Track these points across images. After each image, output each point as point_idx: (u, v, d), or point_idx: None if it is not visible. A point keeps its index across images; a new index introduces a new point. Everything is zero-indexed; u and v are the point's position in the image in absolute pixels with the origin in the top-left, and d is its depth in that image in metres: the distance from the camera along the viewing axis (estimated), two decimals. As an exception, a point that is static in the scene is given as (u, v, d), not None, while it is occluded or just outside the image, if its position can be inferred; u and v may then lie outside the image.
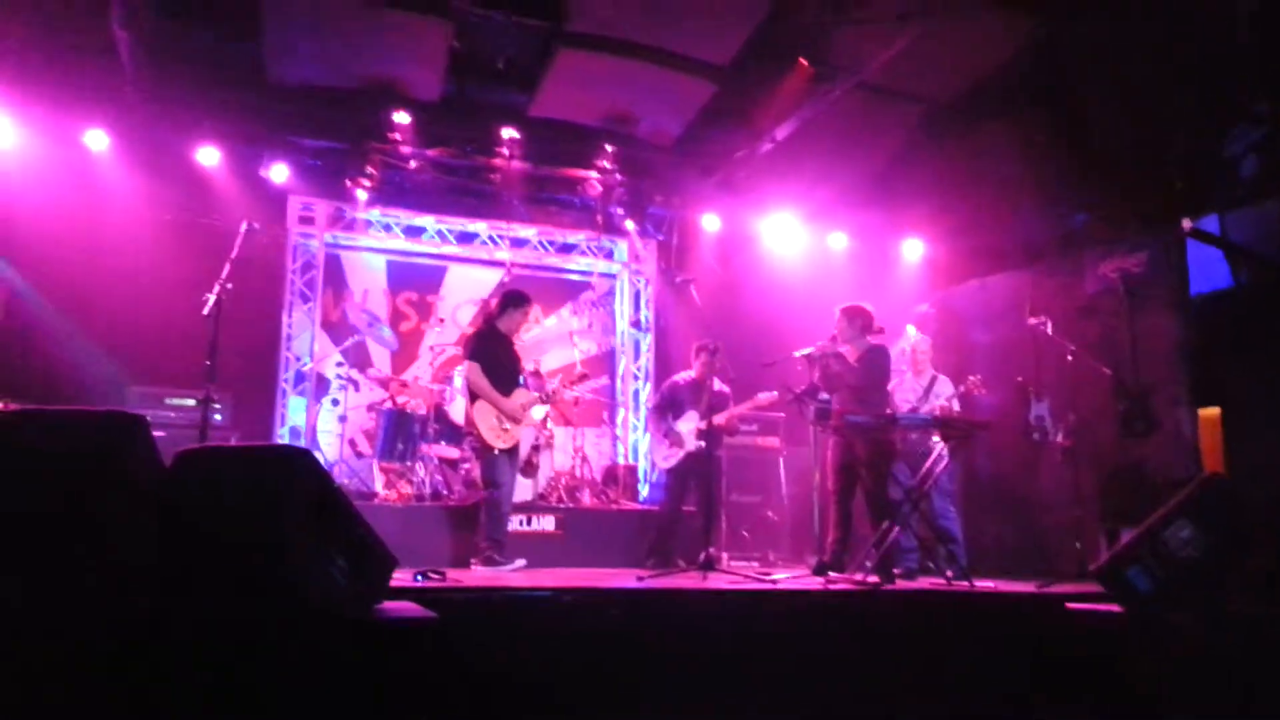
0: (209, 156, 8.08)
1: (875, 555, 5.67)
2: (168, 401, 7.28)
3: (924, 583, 5.84)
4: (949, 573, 5.66)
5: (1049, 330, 6.71)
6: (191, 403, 7.14)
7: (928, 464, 5.94)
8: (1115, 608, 4.15)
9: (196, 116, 7.99)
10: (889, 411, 6.06)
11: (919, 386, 6.79)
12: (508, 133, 8.42)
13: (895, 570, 6.17)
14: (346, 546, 3.07)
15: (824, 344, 6.04)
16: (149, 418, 3.13)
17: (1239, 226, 7.49)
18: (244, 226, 5.89)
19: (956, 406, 6.56)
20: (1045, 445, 6.79)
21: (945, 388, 6.74)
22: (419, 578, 4.50)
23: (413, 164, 8.56)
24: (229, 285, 5.61)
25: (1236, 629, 3.81)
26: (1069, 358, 6.67)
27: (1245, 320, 7.05)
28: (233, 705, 2.67)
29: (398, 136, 8.30)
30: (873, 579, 5.35)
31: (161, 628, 2.72)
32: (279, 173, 8.34)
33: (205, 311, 5.52)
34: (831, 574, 5.61)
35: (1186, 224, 7.21)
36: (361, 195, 8.63)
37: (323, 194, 8.89)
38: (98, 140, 7.77)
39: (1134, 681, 3.96)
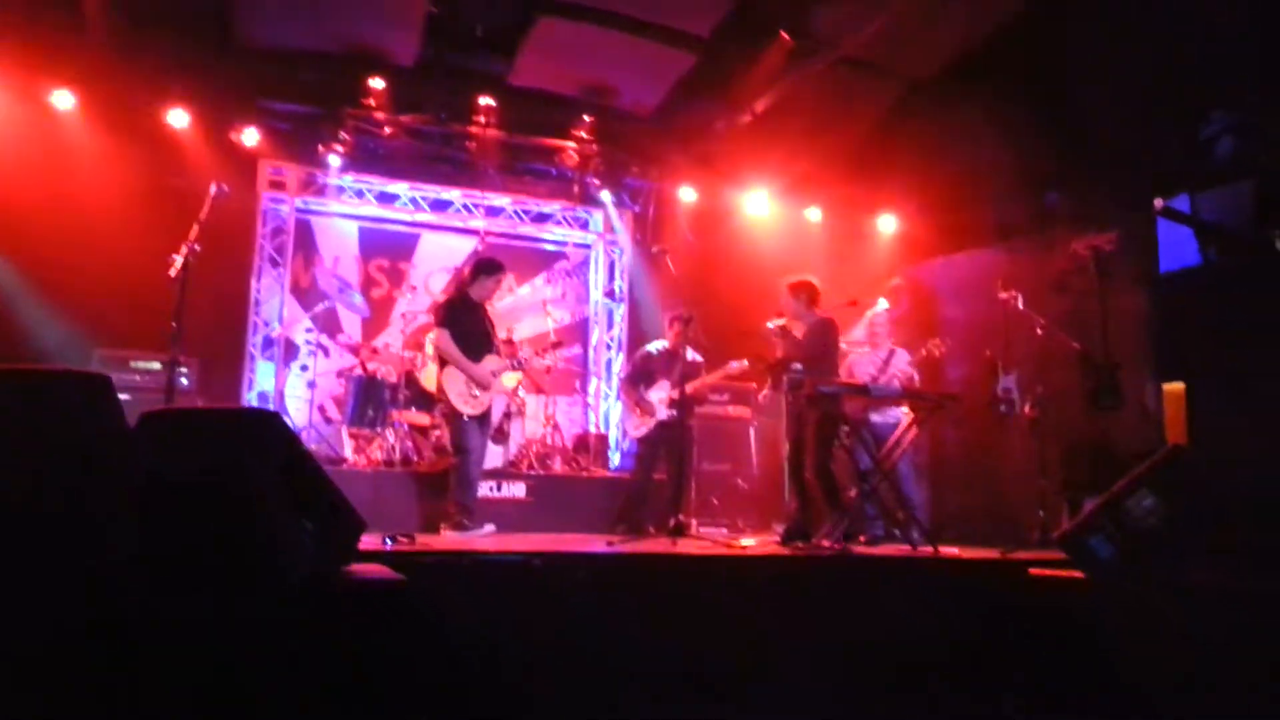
0: (178, 119, 7.94)
1: (840, 523, 5.72)
2: (133, 365, 7.20)
3: (889, 549, 5.91)
4: (914, 536, 5.74)
5: (1020, 305, 6.76)
6: (157, 366, 7.07)
7: (895, 434, 6.00)
8: (1077, 574, 4.23)
9: (166, 78, 7.84)
10: (861, 382, 6.11)
11: (877, 359, 6.86)
12: (485, 100, 8.34)
13: (861, 537, 6.25)
14: (315, 509, 3.06)
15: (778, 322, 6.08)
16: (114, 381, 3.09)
17: (1209, 206, 7.57)
18: (213, 189, 5.80)
19: (915, 376, 6.63)
20: (1012, 417, 6.87)
21: (902, 359, 6.82)
22: (388, 541, 4.51)
23: (387, 130, 8.46)
24: (197, 248, 5.53)
25: (1196, 598, 3.88)
26: (1038, 332, 6.74)
27: (1212, 297, 7.14)
28: (199, 667, 2.66)
29: (372, 102, 8.20)
30: (837, 545, 5.41)
31: (129, 591, 2.70)
32: (250, 136, 8.21)
33: (172, 274, 5.45)
34: (798, 542, 5.66)
35: (1158, 203, 7.28)
36: (334, 161, 8.54)
37: (294, 158, 8.76)
38: (64, 100, 7.62)
39: (1094, 646, 4.04)
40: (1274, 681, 3.61)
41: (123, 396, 3.12)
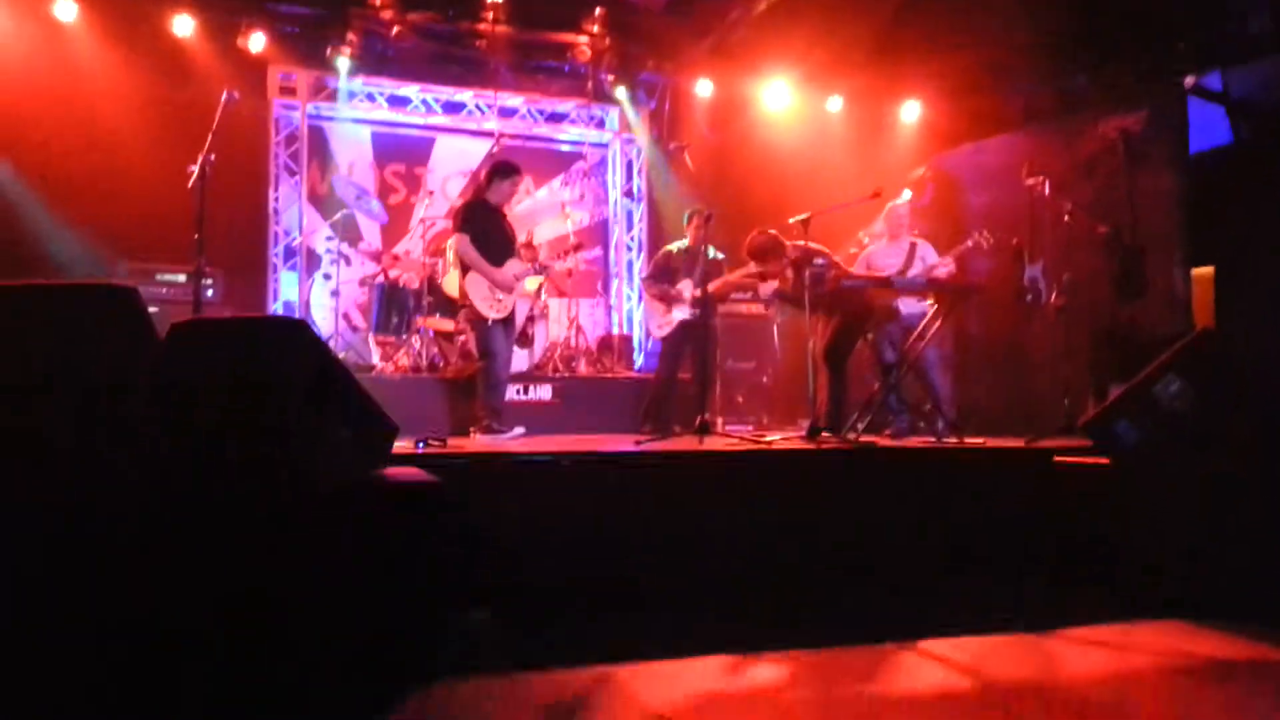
0: (183, 26, 7.80)
1: (865, 416, 5.76)
2: (159, 277, 7.25)
3: (914, 442, 5.95)
4: (939, 427, 5.77)
5: (1046, 191, 6.63)
6: (182, 278, 7.11)
7: (920, 326, 5.97)
8: (1103, 460, 4.24)
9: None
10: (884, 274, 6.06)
11: (899, 251, 6.76)
12: (492, -6, 8.12)
13: (886, 431, 6.28)
14: (348, 414, 3.10)
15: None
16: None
17: (1241, 82, 7.34)
18: (224, 96, 5.71)
19: (952, 267, 6.56)
20: (1038, 307, 6.81)
21: (930, 252, 6.72)
22: (420, 445, 4.57)
23: (395, 30, 8.28)
24: (212, 158, 5.48)
25: (1218, 483, 3.90)
26: (1065, 218, 6.62)
27: (1244, 177, 6.98)
28: (243, 574, 2.74)
29: (378, 1, 8.00)
30: (864, 439, 5.46)
31: (171, 502, 2.76)
32: (257, 41, 8.05)
33: (190, 184, 5.42)
34: (825, 435, 5.70)
35: (1189, 80, 7.06)
36: (343, 64, 8.39)
37: (304, 63, 8.61)
38: (66, 10, 7.48)
39: (1120, 531, 4.08)
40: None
41: (150, 309, 3.15)
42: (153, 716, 2.58)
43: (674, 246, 7.17)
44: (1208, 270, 7.03)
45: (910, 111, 9.53)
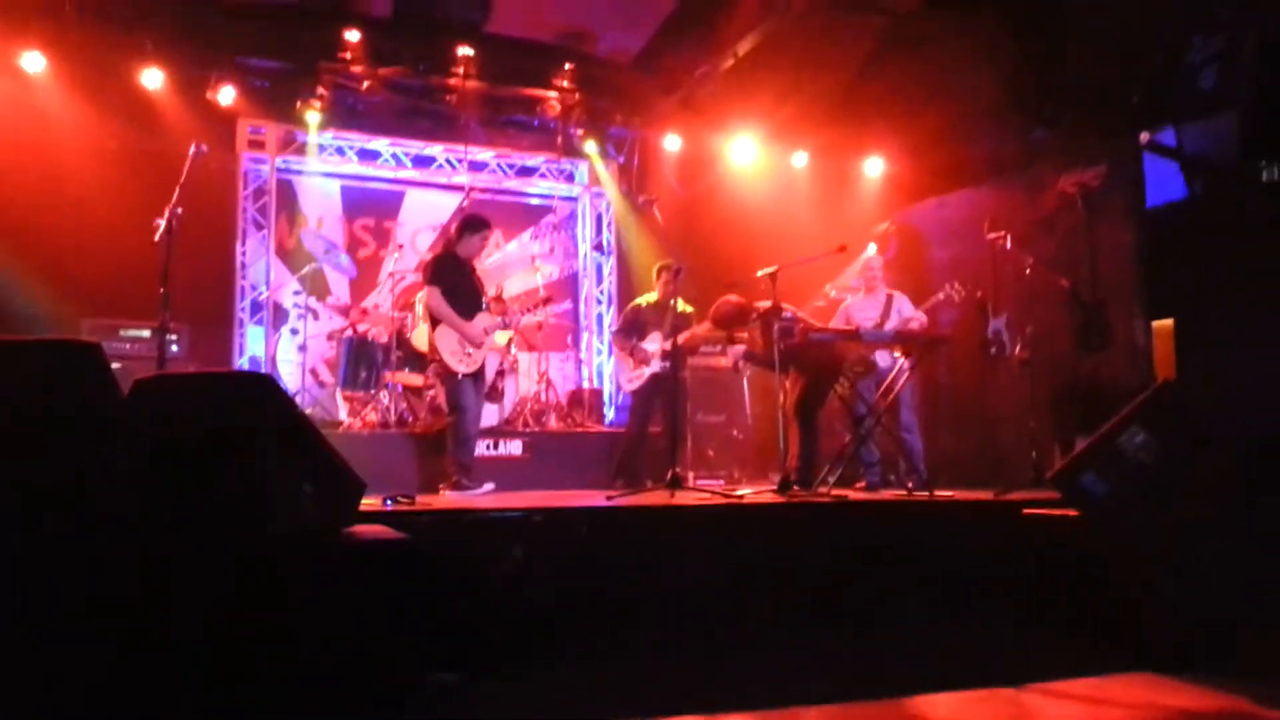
0: (153, 79, 7.80)
1: (835, 470, 5.77)
2: (122, 333, 7.15)
3: (886, 495, 5.96)
4: (909, 484, 5.79)
5: (1008, 245, 6.75)
6: (147, 333, 7.02)
7: (889, 378, 6.02)
8: (1071, 513, 4.27)
9: (138, 35, 7.68)
10: (853, 327, 6.11)
11: (876, 303, 6.85)
12: (463, 50, 8.21)
13: (858, 484, 6.29)
14: (314, 471, 3.06)
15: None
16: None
17: (1194, 138, 7.54)
18: (192, 149, 5.69)
19: (924, 320, 6.65)
20: (1002, 359, 6.90)
21: (905, 305, 6.81)
22: (388, 502, 4.52)
23: (365, 84, 8.34)
24: (179, 211, 5.44)
25: (1185, 533, 3.93)
26: (1027, 271, 6.74)
27: (1199, 231, 7.14)
28: (208, 633, 2.68)
29: (348, 55, 8.08)
30: (835, 492, 5.46)
31: (135, 557, 2.70)
32: (226, 95, 8.06)
33: (156, 238, 5.38)
34: (795, 489, 5.70)
35: (1144, 136, 7.25)
36: (313, 118, 8.41)
37: (273, 117, 8.63)
38: (35, 62, 7.46)
39: (1090, 583, 4.09)
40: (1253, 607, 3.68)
41: (114, 365, 3.10)
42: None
43: (642, 300, 7.20)
44: (1168, 323, 7.16)
45: (874, 166, 9.70)
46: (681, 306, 6.83)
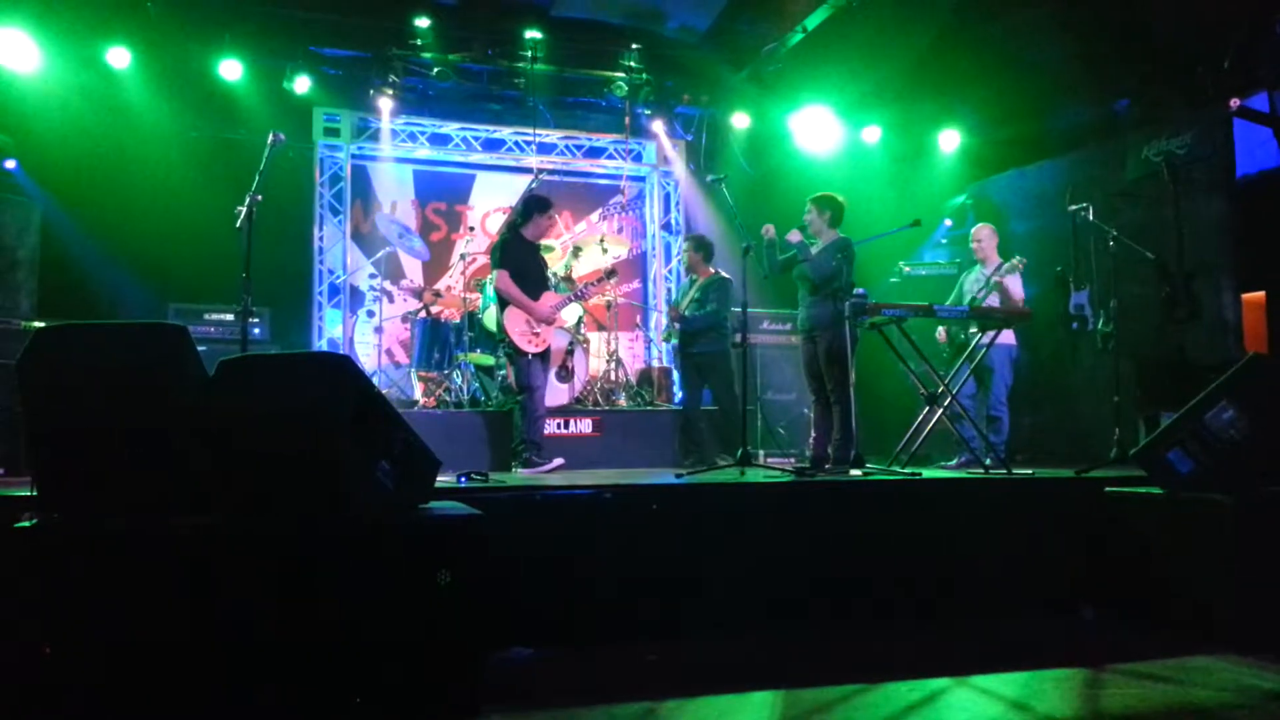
0: (232, 70, 8.01)
1: (908, 448, 5.69)
2: (206, 316, 7.39)
3: (960, 472, 5.87)
4: (987, 461, 5.67)
5: (1090, 217, 6.54)
6: (230, 316, 7.24)
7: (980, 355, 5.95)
8: (1155, 490, 4.15)
9: (217, 28, 7.90)
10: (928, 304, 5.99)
11: (983, 277, 6.73)
12: (531, 34, 8.24)
13: (960, 459, 6.23)
14: (390, 449, 3.12)
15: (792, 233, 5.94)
16: (189, 331, 3.17)
17: (1286, 105, 7.21)
18: (270, 138, 5.82)
19: (996, 295, 6.50)
20: (1085, 334, 6.70)
21: (1012, 282, 6.65)
22: (462, 480, 4.59)
23: (435, 70, 8.45)
24: (259, 198, 5.58)
25: (1273, 512, 3.79)
26: (1110, 244, 6.53)
27: (1294, 200, 6.85)
28: (287, 607, 2.76)
29: (419, 42, 8.18)
30: (909, 469, 5.38)
31: (219, 536, 2.80)
32: (302, 84, 8.26)
33: (237, 225, 5.52)
34: (868, 466, 5.62)
35: (1234, 102, 6.95)
36: (386, 104, 8.56)
37: (347, 104, 8.82)
38: (120, 57, 7.71)
39: (1173, 562, 3.98)
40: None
41: (199, 348, 3.21)
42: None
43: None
44: (1259, 295, 6.88)
45: (949, 140, 9.48)
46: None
